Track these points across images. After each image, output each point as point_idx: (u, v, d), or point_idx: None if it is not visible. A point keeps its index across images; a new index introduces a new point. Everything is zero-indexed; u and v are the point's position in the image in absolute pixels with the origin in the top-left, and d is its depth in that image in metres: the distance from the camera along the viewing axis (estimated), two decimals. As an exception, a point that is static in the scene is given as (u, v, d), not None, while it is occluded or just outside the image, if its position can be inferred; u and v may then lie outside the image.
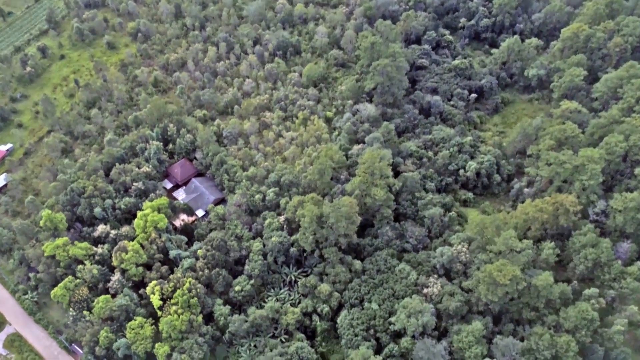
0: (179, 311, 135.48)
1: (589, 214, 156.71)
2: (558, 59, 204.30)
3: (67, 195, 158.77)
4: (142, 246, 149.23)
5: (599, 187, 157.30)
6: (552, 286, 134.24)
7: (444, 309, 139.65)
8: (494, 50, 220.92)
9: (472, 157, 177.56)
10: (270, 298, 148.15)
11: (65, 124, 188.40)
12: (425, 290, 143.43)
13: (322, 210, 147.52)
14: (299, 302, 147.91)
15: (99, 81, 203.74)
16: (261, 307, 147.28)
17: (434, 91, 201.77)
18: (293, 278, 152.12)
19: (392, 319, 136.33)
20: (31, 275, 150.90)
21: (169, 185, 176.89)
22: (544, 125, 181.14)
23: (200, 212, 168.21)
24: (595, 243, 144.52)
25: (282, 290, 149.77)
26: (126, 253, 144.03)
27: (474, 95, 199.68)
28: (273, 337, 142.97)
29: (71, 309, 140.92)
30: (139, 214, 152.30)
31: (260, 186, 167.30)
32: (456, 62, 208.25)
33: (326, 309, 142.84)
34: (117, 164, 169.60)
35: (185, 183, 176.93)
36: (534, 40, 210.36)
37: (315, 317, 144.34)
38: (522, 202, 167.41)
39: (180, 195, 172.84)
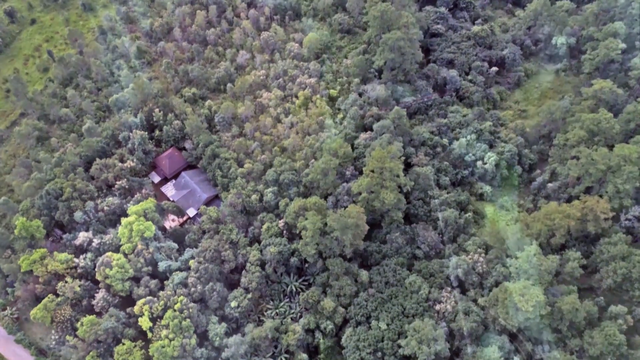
0: (170, 335, 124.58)
1: (620, 218, 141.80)
2: (592, 25, 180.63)
3: (43, 198, 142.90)
4: (126, 256, 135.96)
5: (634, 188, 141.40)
6: (577, 310, 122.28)
7: (457, 328, 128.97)
8: (518, 12, 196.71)
9: (491, 146, 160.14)
10: (269, 311, 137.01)
11: (39, 107, 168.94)
12: (437, 307, 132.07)
13: (326, 219, 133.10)
14: (300, 316, 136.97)
15: (75, 53, 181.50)
16: (259, 321, 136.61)
17: (450, 63, 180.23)
18: (294, 288, 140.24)
19: (402, 343, 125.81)
20: (9, 290, 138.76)
21: (156, 179, 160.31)
22: (572, 109, 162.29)
23: (191, 212, 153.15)
24: (626, 255, 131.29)
25: (282, 303, 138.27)
26: (110, 268, 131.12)
27: (494, 68, 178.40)
28: (273, 356, 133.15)
29: (54, 331, 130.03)
30: (124, 221, 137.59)
31: (257, 184, 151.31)
32: (476, 28, 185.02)
33: (330, 326, 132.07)
34: (97, 159, 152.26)
35: (175, 176, 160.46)
36: (565, 3, 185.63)
37: (318, 335, 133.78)
38: (545, 197, 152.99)
39: (170, 190, 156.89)
